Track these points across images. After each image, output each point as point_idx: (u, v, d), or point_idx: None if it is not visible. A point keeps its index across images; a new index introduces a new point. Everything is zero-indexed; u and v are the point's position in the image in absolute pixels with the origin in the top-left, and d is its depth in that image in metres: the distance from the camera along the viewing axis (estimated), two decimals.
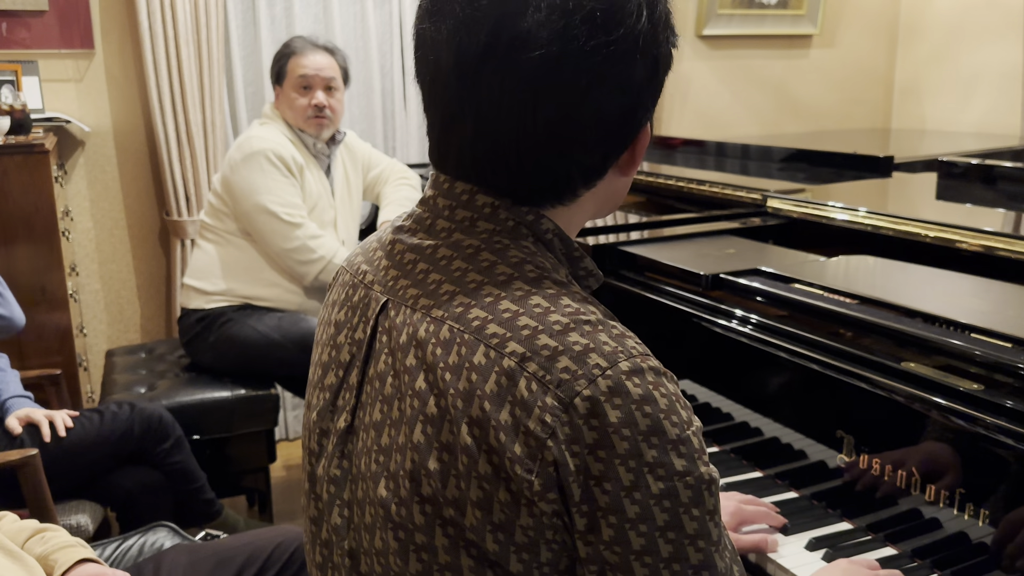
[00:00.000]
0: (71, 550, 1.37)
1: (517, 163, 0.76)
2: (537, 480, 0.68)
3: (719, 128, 3.95)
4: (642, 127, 0.79)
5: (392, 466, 0.76)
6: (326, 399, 0.86)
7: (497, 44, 0.72)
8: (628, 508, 0.68)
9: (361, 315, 0.84)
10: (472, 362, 0.71)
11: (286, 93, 2.61)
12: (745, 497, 1.23)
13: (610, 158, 0.79)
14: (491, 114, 0.74)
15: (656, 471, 0.68)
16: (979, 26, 3.82)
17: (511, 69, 0.72)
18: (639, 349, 0.72)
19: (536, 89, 0.72)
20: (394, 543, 0.76)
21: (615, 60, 0.73)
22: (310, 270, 2.57)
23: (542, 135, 0.74)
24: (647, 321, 1.57)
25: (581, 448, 0.68)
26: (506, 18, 0.72)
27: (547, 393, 0.68)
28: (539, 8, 0.71)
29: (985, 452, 1.04)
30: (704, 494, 0.70)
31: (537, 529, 0.70)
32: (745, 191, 2.08)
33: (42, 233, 2.59)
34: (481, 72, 0.73)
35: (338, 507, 0.84)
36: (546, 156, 0.76)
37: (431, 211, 0.82)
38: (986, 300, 1.36)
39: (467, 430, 0.70)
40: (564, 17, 0.71)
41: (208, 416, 2.51)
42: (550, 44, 0.71)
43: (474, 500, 0.71)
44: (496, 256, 0.77)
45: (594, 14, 0.71)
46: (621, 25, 0.72)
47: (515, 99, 0.73)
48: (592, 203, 0.82)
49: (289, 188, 2.55)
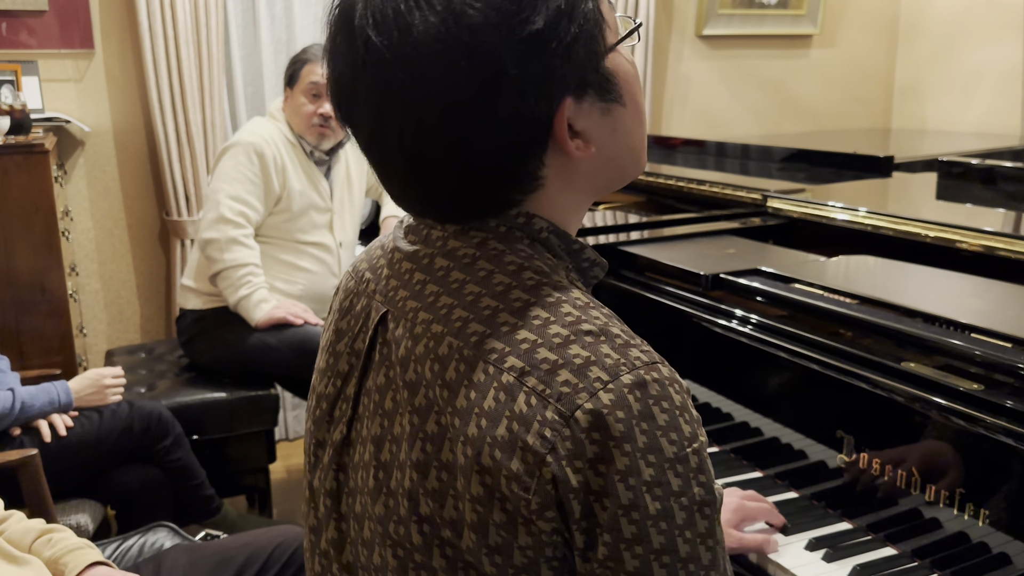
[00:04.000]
0: (81, 553, 1.36)
1: (429, 190, 0.75)
2: (535, 498, 0.66)
3: (719, 128, 3.95)
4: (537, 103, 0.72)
5: (392, 483, 0.75)
6: (323, 409, 0.85)
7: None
8: (625, 528, 0.65)
9: (362, 325, 0.82)
10: (471, 379, 0.70)
11: (295, 97, 2.61)
12: (747, 493, 1.22)
13: (518, 140, 0.73)
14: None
15: (653, 490, 0.66)
16: (979, 26, 3.82)
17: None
18: (644, 359, 0.68)
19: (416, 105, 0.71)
20: (393, 560, 0.75)
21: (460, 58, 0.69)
22: (212, 266, 2.55)
23: (434, 150, 0.72)
24: (647, 321, 1.57)
25: (583, 463, 0.65)
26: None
27: (547, 407, 0.66)
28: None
29: (985, 452, 1.04)
30: (696, 516, 0.67)
31: (536, 548, 0.68)
32: (745, 191, 2.08)
33: (42, 233, 2.59)
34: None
35: (335, 520, 0.83)
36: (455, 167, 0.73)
37: (424, 220, 0.81)
38: (986, 300, 1.36)
39: (462, 449, 0.69)
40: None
41: (208, 416, 2.51)
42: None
43: (469, 522, 0.69)
44: (493, 264, 0.74)
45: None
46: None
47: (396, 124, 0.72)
48: (567, 178, 0.77)
49: (249, 186, 2.54)
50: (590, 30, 0.72)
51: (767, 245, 1.79)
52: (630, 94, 0.78)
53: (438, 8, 0.68)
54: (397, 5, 0.69)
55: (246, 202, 2.54)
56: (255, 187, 2.55)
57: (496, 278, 0.74)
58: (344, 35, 0.73)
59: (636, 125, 0.80)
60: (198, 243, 2.61)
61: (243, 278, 2.52)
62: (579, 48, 0.72)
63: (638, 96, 0.79)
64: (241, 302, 2.53)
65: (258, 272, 2.55)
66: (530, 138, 0.72)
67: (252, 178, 2.54)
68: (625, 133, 0.78)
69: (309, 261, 2.69)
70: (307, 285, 2.69)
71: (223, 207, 2.52)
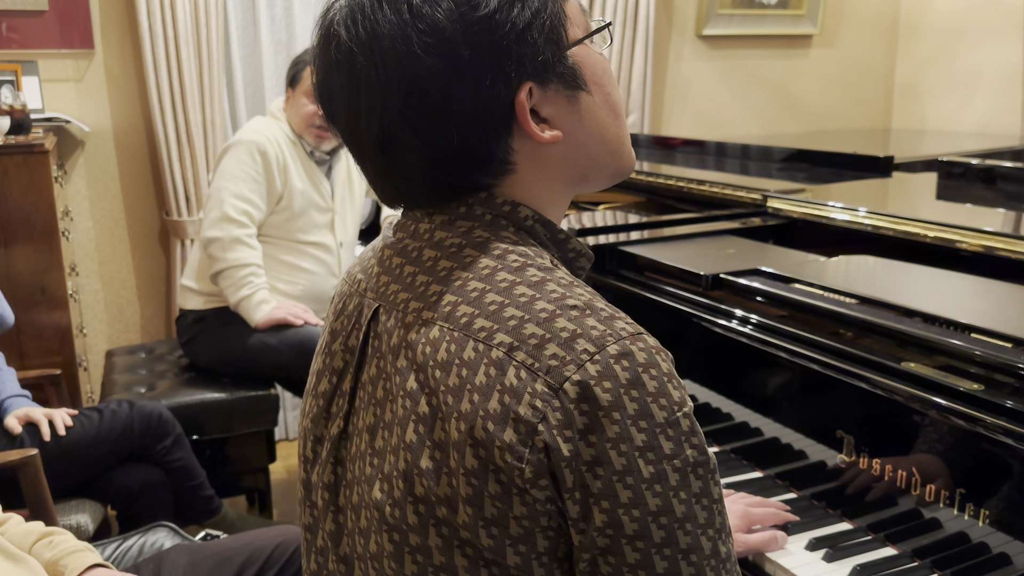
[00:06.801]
0: (80, 555, 1.36)
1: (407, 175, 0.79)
2: (528, 467, 0.68)
3: (719, 128, 3.95)
4: (503, 90, 0.75)
5: (386, 468, 0.76)
6: (320, 406, 0.87)
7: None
8: (621, 493, 0.68)
9: (355, 322, 0.85)
10: (462, 357, 0.72)
11: (297, 98, 2.60)
12: (753, 499, 1.22)
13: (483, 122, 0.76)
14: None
15: (646, 455, 0.68)
16: (979, 26, 3.82)
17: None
18: (629, 330, 0.71)
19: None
20: (389, 546, 0.76)
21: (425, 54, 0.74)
22: (214, 265, 2.55)
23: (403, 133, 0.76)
24: (647, 321, 1.56)
25: (573, 433, 0.67)
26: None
27: (536, 380, 0.68)
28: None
29: (985, 452, 1.04)
30: (690, 476, 0.69)
31: (531, 518, 0.70)
32: (745, 191, 2.08)
33: (42, 233, 2.59)
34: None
35: (332, 513, 0.84)
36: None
37: (412, 216, 0.84)
38: (986, 300, 1.36)
39: (455, 425, 0.71)
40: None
41: (208, 416, 2.51)
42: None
43: (464, 497, 0.71)
44: (478, 251, 0.77)
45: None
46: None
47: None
48: (539, 165, 0.80)
49: (252, 184, 2.54)
50: (546, 19, 0.77)
51: (767, 245, 1.79)
52: (598, 85, 0.81)
53: (400, 6, 0.74)
54: (363, 6, 0.75)
55: (249, 200, 2.54)
56: (258, 185, 2.55)
57: (482, 262, 0.77)
58: (323, 42, 0.79)
59: (608, 117, 0.82)
60: (200, 241, 2.61)
61: (245, 278, 2.52)
62: (534, 33, 0.76)
63: (608, 88, 0.82)
64: (242, 302, 2.53)
65: (260, 272, 2.55)
66: (491, 120, 0.76)
67: (255, 176, 2.54)
68: (594, 122, 0.81)
69: (310, 261, 2.69)
70: (307, 285, 2.69)
71: (226, 205, 2.52)
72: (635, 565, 0.69)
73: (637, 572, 0.69)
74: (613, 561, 0.69)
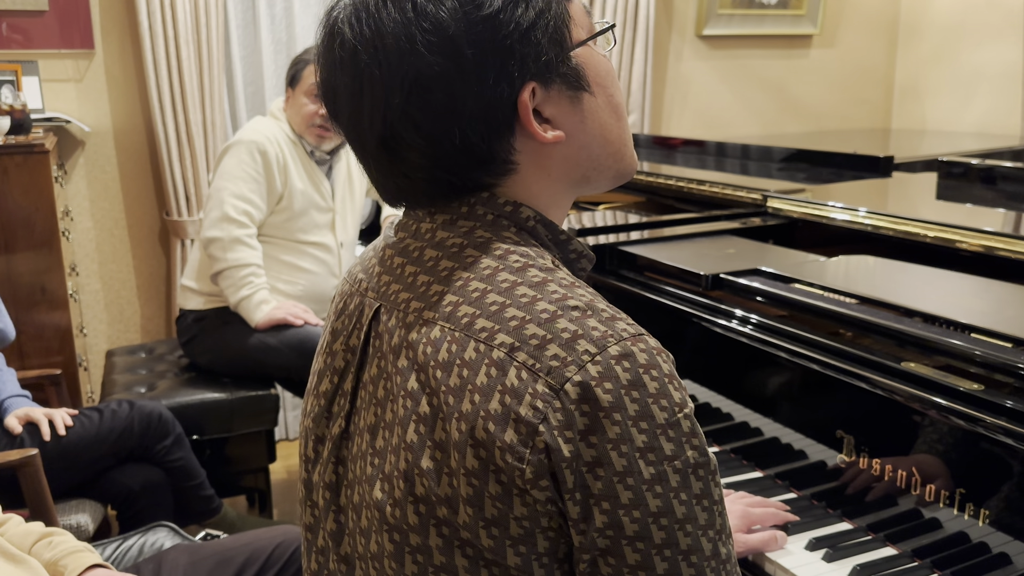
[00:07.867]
0: (80, 555, 1.36)
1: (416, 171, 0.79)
2: (529, 468, 0.68)
3: (719, 128, 3.95)
4: (505, 91, 0.75)
5: (387, 468, 0.76)
6: (321, 406, 0.87)
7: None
8: (621, 494, 0.68)
9: (356, 322, 0.85)
10: (463, 358, 0.72)
11: (297, 98, 2.60)
12: (753, 499, 1.22)
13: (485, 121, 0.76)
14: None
15: (647, 456, 0.68)
16: (979, 26, 3.82)
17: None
18: (630, 331, 0.71)
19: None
20: (389, 545, 0.76)
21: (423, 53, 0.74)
22: (214, 265, 2.55)
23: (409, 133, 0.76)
24: (647, 321, 1.56)
25: (574, 434, 0.67)
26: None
27: (537, 380, 0.68)
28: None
29: (985, 452, 1.04)
30: (691, 478, 0.69)
31: (532, 518, 0.70)
32: (745, 191, 2.08)
33: (42, 233, 2.59)
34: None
35: (333, 512, 0.84)
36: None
37: (414, 216, 0.84)
38: (986, 300, 1.36)
39: (456, 425, 0.71)
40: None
41: (208, 416, 2.51)
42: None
43: (465, 497, 0.71)
44: (480, 251, 0.77)
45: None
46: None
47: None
48: (541, 165, 0.80)
49: (253, 184, 2.53)
50: (550, 19, 0.76)
51: (767, 245, 1.79)
52: (601, 86, 0.81)
53: (404, 4, 0.74)
54: (367, 4, 0.75)
55: (250, 200, 2.54)
56: (258, 185, 2.54)
57: (483, 262, 0.77)
58: (327, 39, 0.79)
59: (611, 118, 0.82)
60: (200, 241, 2.61)
61: (245, 278, 2.52)
62: (538, 33, 0.75)
63: (611, 90, 0.82)
64: (242, 302, 2.53)
65: (260, 273, 2.55)
66: (494, 119, 0.76)
67: (255, 176, 2.54)
68: (597, 123, 0.81)
69: (310, 261, 2.69)
70: (308, 285, 2.69)
71: (227, 205, 2.51)
72: (635, 566, 0.69)
73: (637, 573, 0.69)
74: (613, 562, 0.69)
